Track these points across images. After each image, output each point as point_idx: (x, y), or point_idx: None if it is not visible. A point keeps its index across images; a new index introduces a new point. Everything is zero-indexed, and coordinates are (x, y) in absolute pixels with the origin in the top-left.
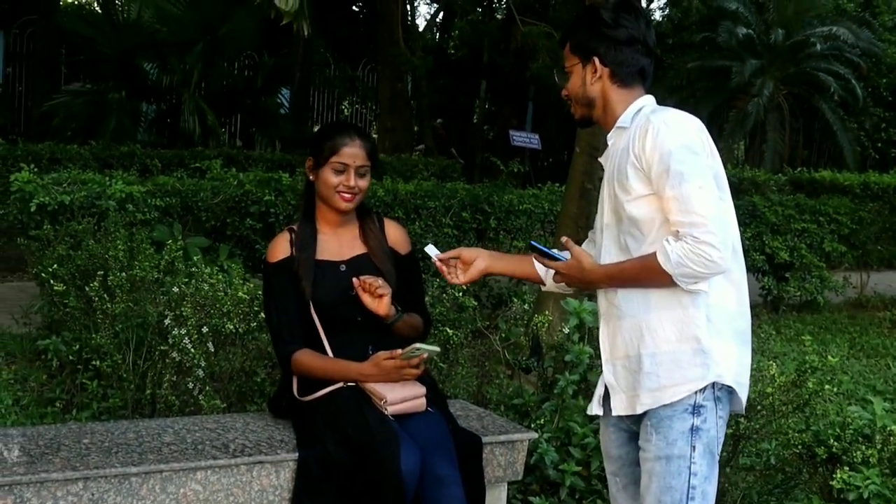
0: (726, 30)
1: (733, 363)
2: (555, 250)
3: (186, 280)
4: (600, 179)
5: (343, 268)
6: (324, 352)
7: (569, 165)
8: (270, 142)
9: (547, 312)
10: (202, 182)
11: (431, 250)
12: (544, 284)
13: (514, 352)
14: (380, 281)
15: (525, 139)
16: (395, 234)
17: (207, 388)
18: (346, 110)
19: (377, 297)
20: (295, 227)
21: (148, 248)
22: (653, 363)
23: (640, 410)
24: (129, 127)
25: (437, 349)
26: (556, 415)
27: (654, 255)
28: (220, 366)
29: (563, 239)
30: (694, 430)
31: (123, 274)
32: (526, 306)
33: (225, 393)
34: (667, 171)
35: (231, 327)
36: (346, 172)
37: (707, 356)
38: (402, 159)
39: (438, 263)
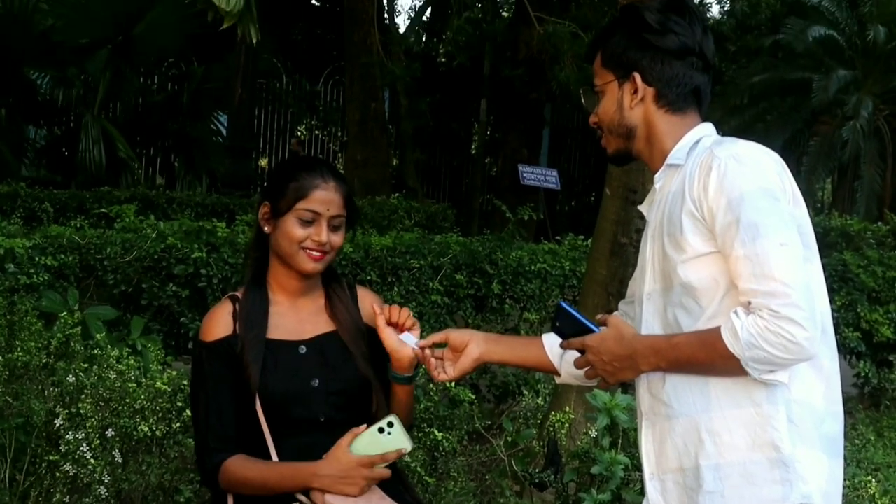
0: (803, 30)
1: (823, 479)
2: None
3: (86, 366)
4: (639, 231)
5: (303, 349)
6: (268, 458)
7: (596, 212)
8: (200, 180)
9: (567, 409)
10: (109, 234)
11: (408, 339)
12: (558, 374)
13: (523, 461)
14: (407, 311)
15: (539, 176)
16: (372, 305)
17: None
18: (302, 136)
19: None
20: (239, 294)
21: (34, 323)
22: (716, 479)
23: None
24: (10, 159)
25: (409, 445)
26: None
27: (717, 330)
28: (131, 481)
29: (600, 316)
30: None
31: (0, 358)
32: (540, 400)
33: None
34: (737, 221)
35: (146, 430)
36: (316, 223)
37: (789, 469)
38: (376, 203)
39: (419, 353)
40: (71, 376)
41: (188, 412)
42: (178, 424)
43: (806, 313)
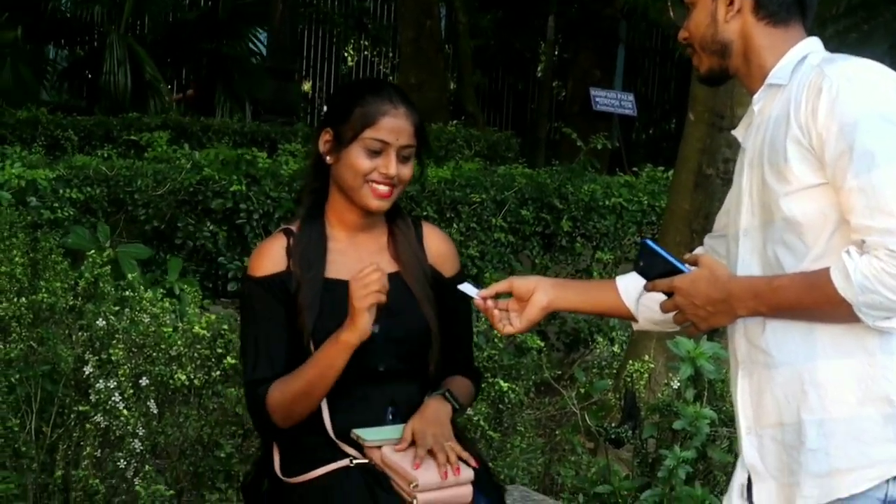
0: None
1: None
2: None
3: (117, 309)
4: (726, 161)
5: None
6: (318, 414)
7: (677, 140)
8: (239, 105)
9: (646, 358)
10: (140, 164)
11: (468, 289)
12: (635, 320)
13: (598, 415)
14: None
15: (613, 101)
16: (439, 247)
17: (147, 467)
18: (349, 60)
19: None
20: (293, 227)
21: (60, 262)
22: (820, 435)
23: None
24: (30, 82)
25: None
26: None
27: (826, 271)
28: (167, 434)
29: (689, 255)
30: None
31: (23, 300)
32: (615, 348)
33: (173, 474)
34: (850, 150)
35: (182, 378)
36: (384, 154)
37: None
38: (432, 131)
39: (481, 304)
40: (101, 320)
41: (229, 359)
42: (217, 373)
43: None
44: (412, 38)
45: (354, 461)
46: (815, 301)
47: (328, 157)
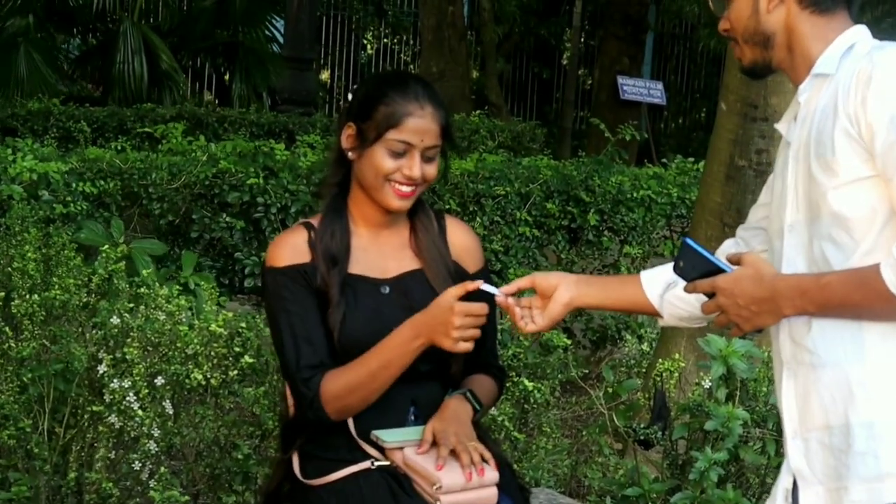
0: None
1: None
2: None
3: (131, 306)
4: (759, 153)
5: (385, 289)
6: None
7: (708, 131)
8: (256, 96)
9: (676, 356)
10: (154, 157)
11: (488, 288)
12: (660, 316)
13: (626, 415)
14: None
15: (641, 90)
16: (463, 242)
17: (163, 469)
18: (369, 47)
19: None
20: (313, 222)
21: (73, 257)
22: (869, 438)
23: None
24: (43, 71)
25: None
26: None
27: (875, 267)
28: (183, 435)
29: (732, 253)
30: None
31: (35, 297)
32: (644, 346)
33: (189, 476)
34: None
35: (199, 378)
36: (407, 155)
37: None
38: (454, 122)
39: (503, 301)
40: (115, 317)
41: (246, 358)
42: (234, 372)
43: None
44: (434, 26)
45: (376, 463)
46: (864, 298)
47: (350, 153)
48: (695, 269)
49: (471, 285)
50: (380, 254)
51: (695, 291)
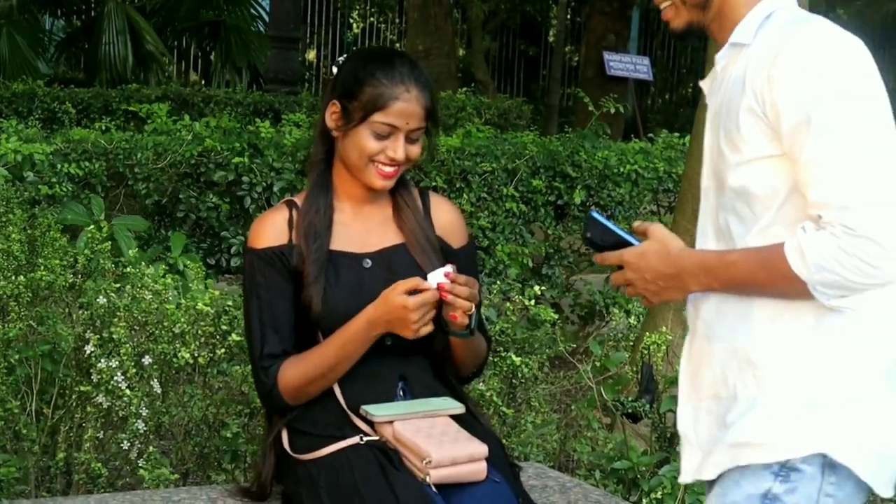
0: None
1: (878, 424)
2: (622, 229)
3: (118, 286)
4: None
5: (367, 263)
6: (329, 390)
7: (694, 106)
8: (240, 75)
9: (664, 329)
10: (139, 137)
11: (432, 282)
12: None
13: (614, 389)
14: (475, 290)
15: (628, 66)
16: (447, 218)
17: (151, 448)
18: (355, 26)
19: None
20: (297, 199)
21: (58, 238)
22: (747, 411)
23: (706, 476)
24: (26, 53)
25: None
26: (682, 485)
27: (780, 248)
28: (171, 415)
29: (637, 224)
30: (769, 499)
31: (21, 278)
32: (632, 320)
33: (178, 455)
34: (809, 120)
35: (186, 356)
36: (392, 137)
37: (835, 412)
38: (441, 99)
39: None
40: (101, 297)
41: (234, 336)
42: (222, 350)
43: (888, 230)
44: (419, 3)
45: (365, 438)
46: (768, 278)
47: (334, 132)
48: (603, 241)
49: (410, 283)
50: (362, 228)
51: (603, 263)
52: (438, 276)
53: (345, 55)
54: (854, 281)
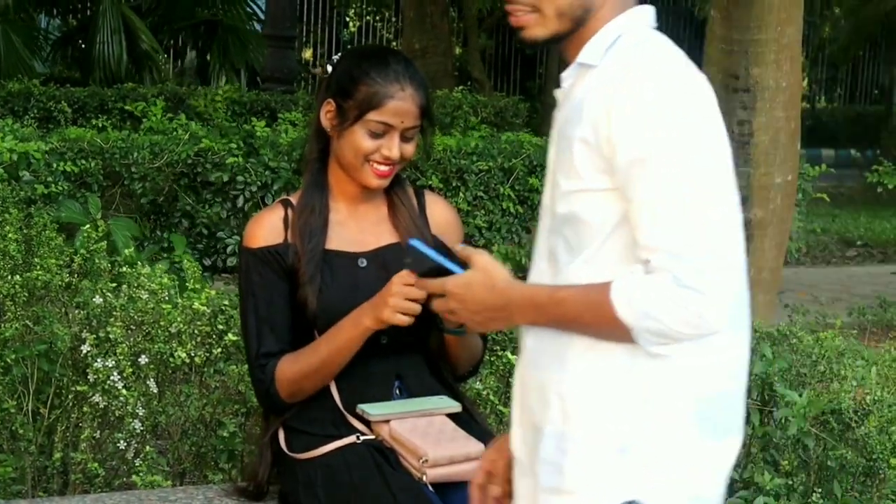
0: None
1: (692, 470)
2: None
3: (114, 285)
4: (741, 123)
5: (363, 262)
6: (325, 389)
7: None
8: (236, 74)
9: None
10: (135, 136)
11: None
12: None
13: None
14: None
15: None
16: (442, 216)
17: (148, 448)
18: (351, 25)
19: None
20: (292, 199)
21: (54, 238)
22: (557, 449)
23: None
24: (22, 52)
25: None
26: None
27: (607, 290)
28: (168, 414)
29: (460, 247)
30: None
31: (17, 277)
32: None
33: (175, 456)
34: (645, 159)
35: (183, 356)
36: (387, 136)
37: (647, 457)
38: (437, 98)
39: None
40: (97, 297)
41: (230, 336)
42: (218, 350)
43: (716, 283)
44: (416, 2)
45: (361, 437)
46: (594, 319)
47: (330, 130)
48: (423, 268)
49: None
50: (357, 228)
51: (426, 290)
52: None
53: (339, 54)
54: (679, 331)
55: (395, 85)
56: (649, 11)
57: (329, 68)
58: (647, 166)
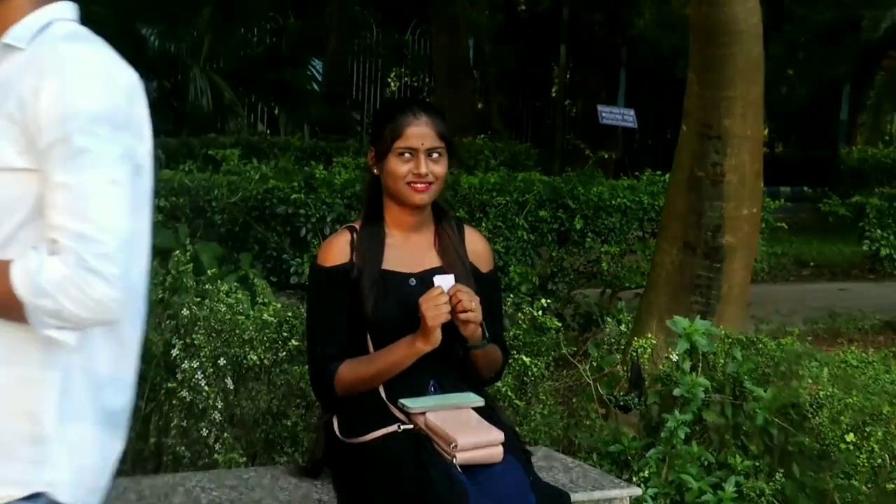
0: None
1: (88, 456)
2: None
3: (198, 300)
4: (714, 165)
5: (413, 282)
6: (375, 391)
7: (673, 148)
8: (299, 125)
9: (649, 335)
10: (216, 177)
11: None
12: None
13: (608, 385)
14: (475, 303)
15: (617, 116)
16: (478, 247)
17: (226, 435)
18: (392, 84)
19: (462, 320)
20: (356, 225)
21: (150, 261)
22: None
23: None
24: None
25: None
26: (665, 465)
27: (8, 263)
28: (241, 407)
29: None
30: None
31: None
32: (623, 327)
33: (247, 441)
34: (65, 141)
35: (254, 358)
36: (414, 158)
37: (45, 450)
38: (463, 144)
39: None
40: (185, 309)
41: (293, 342)
42: (283, 353)
43: (120, 270)
44: (445, 66)
45: (402, 427)
46: None
47: (375, 170)
48: None
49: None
50: (409, 252)
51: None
52: (445, 281)
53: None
54: (76, 314)
55: (409, 115)
56: (73, 7)
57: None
58: (67, 148)
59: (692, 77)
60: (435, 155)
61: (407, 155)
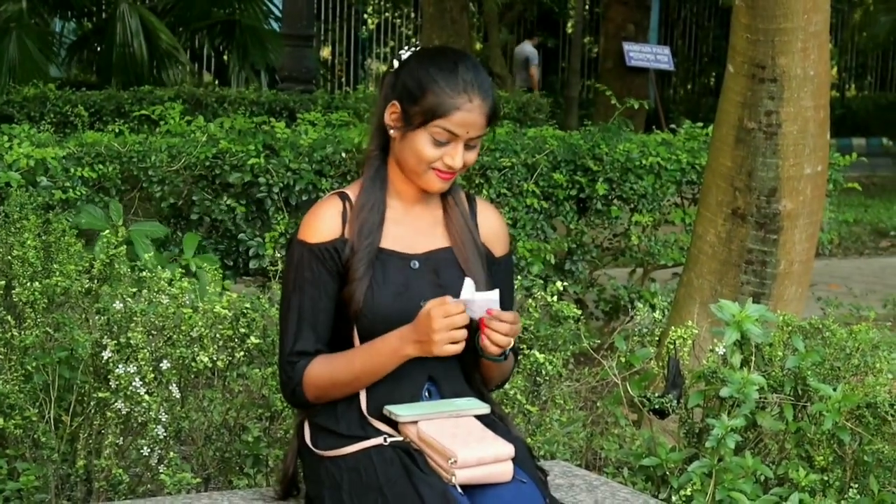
0: None
1: None
2: None
3: (134, 290)
4: (769, 114)
5: (415, 264)
6: (356, 394)
7: (717, 95)
8: (255, 74)
9: (690, 323)
10: (153, 139)
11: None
12: None
13: (640, 385)
14: (518, 325)
15: (648, 56)
16: (492, 225)
17: (172, 454)
18: (370, 22)
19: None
20: (349, 192)
21: (73, 243)
22: None
23: None
24: (37, 57)
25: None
26: (711, 481)
27: None
28: (191, 420)
29: None
30: None
31: (36, 284)
32: (657, 314)
33: (199, 461)
34: None
35: (205, 360)
36: (451, 144)
37: None
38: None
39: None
40: (118, 302)
41: (252, 339)
42: (241, 354)
43: None
44: None
45: (389, 439)
46: None
47: (392, 132)
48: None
49: (439, 301)
50: (412, 228)
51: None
52: (468, 292)
53: (408, 52)
54: None
55: (463, 96)
56: None
57: (395, 64)
58: None
59: (739, 5)
60: (473, 143)
61: (443, 139)
